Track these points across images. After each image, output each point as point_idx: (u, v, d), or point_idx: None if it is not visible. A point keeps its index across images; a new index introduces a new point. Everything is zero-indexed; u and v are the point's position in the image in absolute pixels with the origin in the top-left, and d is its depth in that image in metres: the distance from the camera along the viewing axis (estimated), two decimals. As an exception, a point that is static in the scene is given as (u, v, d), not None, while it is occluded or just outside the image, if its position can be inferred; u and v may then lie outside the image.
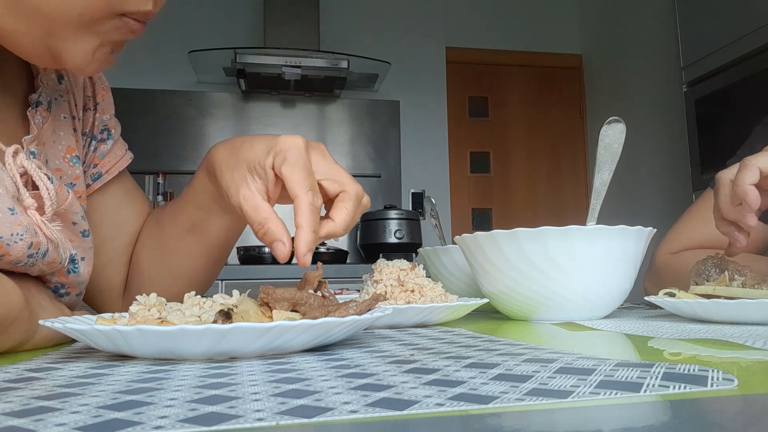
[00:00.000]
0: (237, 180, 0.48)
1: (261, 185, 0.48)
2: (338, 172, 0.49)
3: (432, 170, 3.01)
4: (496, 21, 3.24)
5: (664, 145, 2.60)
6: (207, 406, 0.22)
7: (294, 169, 0.46)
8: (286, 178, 0.46)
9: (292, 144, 0.47)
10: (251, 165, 0.48)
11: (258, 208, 0.47)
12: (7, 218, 0.45)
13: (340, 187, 0.48)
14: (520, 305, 0.61)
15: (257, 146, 0.49)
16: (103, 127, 0.65)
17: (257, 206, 0.47)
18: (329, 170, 0.49)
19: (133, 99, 2.68)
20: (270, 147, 0.48)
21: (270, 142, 0.48)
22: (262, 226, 0.46)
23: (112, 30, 0.46)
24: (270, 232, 0.45)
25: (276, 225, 0.46)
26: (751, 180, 0.56)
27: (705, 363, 0.30)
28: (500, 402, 0.21)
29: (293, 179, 0.46)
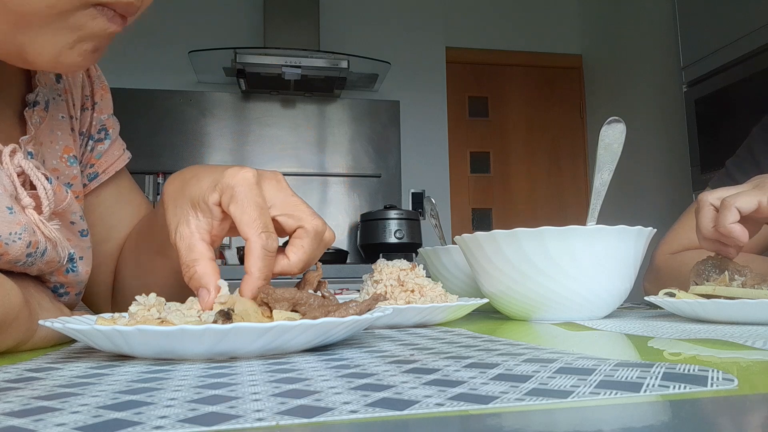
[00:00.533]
0: (178, 216, 0.45)
1: (204, 223, 0.44)
2: (295, 206, 0.45)
3: (432, 170, 3.01)
4: (496, 21, 3.24)
5: (664, 145, 2.60)
6: (207, 406, 0.22)
7: (244, 209, 0.42)
8: (235, 218, 0.42)
9: (240, 179, 0.43)
10: (195, 201, 0.44)
11: (191, 248, 0.43)
12: (6, 217, 0.45)
13: (296, 222, 0.44)
14: (520, 305, 0.61)
15: (203, 181, 0.45)
16: (100, 127, 0.65)
17: (190, 245, 0.43)
18: (285, 204, 0.45)
19: (133, 99, 2.68)
20: (216, 182, 0.43)
21: (216, 177, 0.44)
22: (189, 268, 0.42)
23: (89, 21, 0.42)
24: (196, 276, 0.42)
25: (204, 268, 0.42)
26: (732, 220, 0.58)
27: (705, 363, 0.30)
28: (500, 402, 0.21)
29: (243, 221, 0.42)
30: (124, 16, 0.44)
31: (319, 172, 2.89)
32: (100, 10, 0.43)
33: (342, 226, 2.87)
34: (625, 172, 2.60)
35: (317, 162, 2.90)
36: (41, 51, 0.43)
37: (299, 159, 2.87)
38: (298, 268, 0.44)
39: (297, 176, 2.85)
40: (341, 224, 2.87)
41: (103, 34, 0.44)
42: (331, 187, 2.90)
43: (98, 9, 0.42)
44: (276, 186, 0.45)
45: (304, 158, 2.88)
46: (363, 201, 2.90)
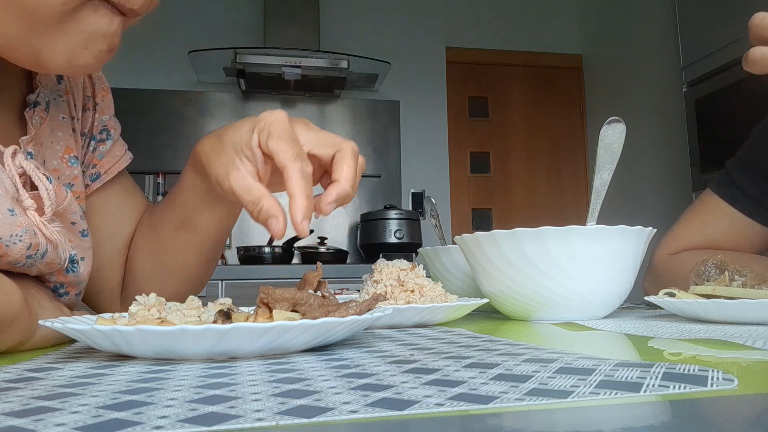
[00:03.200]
0: (225, 164, 0.48)
1: (250, 166, 0.47)
2: (327, 137, 0.49)
3: (432, 170, 3.01)
4: (496, 21, 3.24)
5: (664, 145, 2.60)
6: (207, 406, 0.22)
7: (279, 142, 0.45)
8: (272, 151, 0.45)
9: (275, 118, 0.47)
10: (237, 147, 0.48)
11: (250, 188, 0.46)
12: (7, 219, 0.45)
13: (333, 148, 0.48)
14: (520, 305, 0.61)
15: (241, 128, 0.48)
16: (102, 128, 0.65)
17: (249, 186, 0.46)
18: (318, 138, 0.48)
19: (133, 99, 2.69)
20: (253, 125, 0.47)
21: (252, 121, 0.48)
22: (256, 204, 0.45)
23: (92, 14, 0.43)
24: (264, 209, 0.45)
25: (270, 202, 0.45)
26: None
27: (705, 363, 0.30)
28: (500, 402, 0.21)
29: (279, 150, 0.45)
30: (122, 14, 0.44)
31: (319, 172, 2.88)
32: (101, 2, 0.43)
33: (342, 226, 2.87)
34: (625, 172, 2.61)
35: (317, 162, 2.89)
36: (55, 54, 0.43)
37: (299, 159, 2.87)
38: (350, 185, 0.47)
39: (297, 176, 2.84)
40: (341, 224, 2.87)
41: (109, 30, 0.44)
42: (331, 187, 2.90)
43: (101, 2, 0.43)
44: (306, 126, 0.49)
45: (304, 158, 2.88)
46: (363, 201, 2.90)
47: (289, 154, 0.45)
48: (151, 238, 0.64)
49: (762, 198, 0.84)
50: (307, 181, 0.45)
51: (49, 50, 0.43)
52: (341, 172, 0.47)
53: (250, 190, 0.46)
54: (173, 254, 0.63)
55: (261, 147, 0.47)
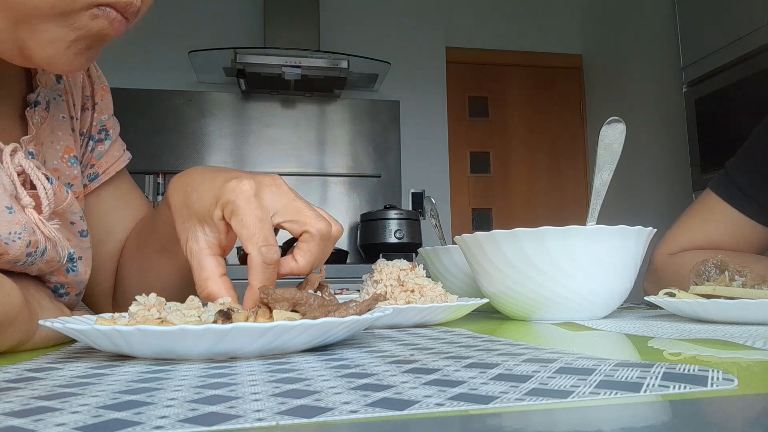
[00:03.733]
0: (187, 230, 0.47)
1: (212, 238, 0.46)
2: (298, 211, 0.45)
3: (432, 170, 3.01)
4: (496, 21, 3.24)
5: (664, 145, 2.60)
6: (207, 406, 0.22)
7: (244, 223, 0.43)
8: (238, 234, 0.44)
9: (239, 193, 0.44)
10: (200, 217, 0.46)
11: (201, 266, 0.45)
12: (5, 217, 0.45)
13: (301, 227, 0.45)
14: (520, 305, 0.61)
15: (205, 197, 0.46)
16: (101, 127, 0.65)
17: (201, 263, 0.45)
18: (287, 209, 0.45)
19: (133, 99, 2.68)
20: (217, 198, 0.45)
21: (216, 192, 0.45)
22: (202, 287, 0.45)
23: (90, 21, 0.43)
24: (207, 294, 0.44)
25: (214, 288, 0.44)
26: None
27: (705, 363, 0.30)
28: (500, 402, 0.21)
29: (243, 235, 0.43)
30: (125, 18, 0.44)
31: (319, 172, 2.89)
32: (101, 11, 0.43)
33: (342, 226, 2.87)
34: (625, 172, 2.60)
35: (317, 162, 2.90)
36: (39, 48, 0.43)
37: (299, 159, 2.87)
38: (306, 271, 0.45)
39: (297, 176, 2.85)
40: (341, 224, 2.87)
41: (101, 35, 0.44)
42: (331, 187, 2.90)
43: (100, 9, 0.43)
44: (276, 192, 0.45)
45: (304, 158, 2.88)
46: (363, 201, 2.90)
47: (254, 242, 0.42)
48: (137, 257, 0.64)
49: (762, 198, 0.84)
50: (270, 271, 0.43)
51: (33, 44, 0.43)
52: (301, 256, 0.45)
53: (201, 268, 0.45)
54: (155, 277, 0.62)
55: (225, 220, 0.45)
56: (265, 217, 0.44)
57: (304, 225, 0.45)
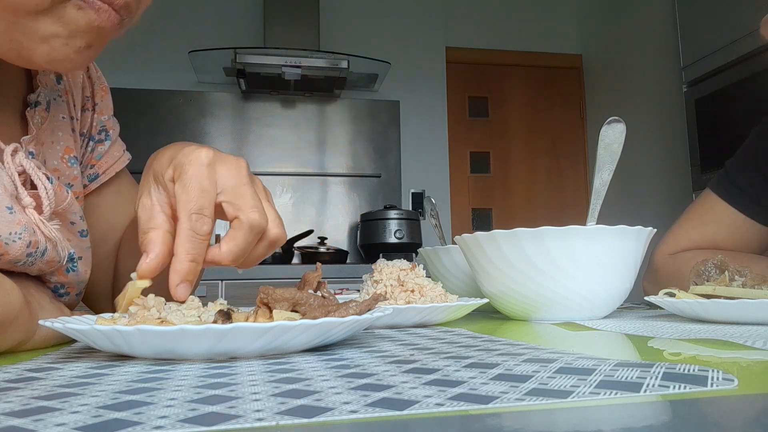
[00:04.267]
0: (143, 189, 0.45)
1: (165, 197, 0.44)
2: (241, 195, 0.43)
3: (432, 170, 3.01)
4: (496, 21, 3.24)
5: (664, 145, 2.60)
6: (207, 406, 0.22)
7: (184, 188, 0.42)
8: (176, 197, 0.42)
9: (193, 159, 0.42)
10: (156, 175, 0.45)
11: (150, 218, 0.44)
12: (6, 217, 0.45)
13: (235, 211, 0.43)
14: (520, 305, 0.61)
15: (163, 157, 0.45)
16: (101, 128, 0.65)
17: (151, 216, 0.44)
18: (233, 190, 0.43)
19: (133, 99, 2.68)
20: (172, 158, 0.44)
21: (174, 153, 0.44)
22: (144, 233, 0.43)
23: (75, 12, 0.42)
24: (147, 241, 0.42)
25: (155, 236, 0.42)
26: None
27: (705, 363, 0.30)
28: (500, 402, 0.21)
29: (180, 200, 0.42)
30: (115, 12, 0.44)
31: (319, 172, 2.88)
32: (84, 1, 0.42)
33: (342, 226, 2.87)
34: (625, 172, 2.60)
35: (317, 162, 2.89)
36: (36, 47, 0.43)
37: (299, 159, 2.87)
38: (227, 260, 0.43)
39: (297, 176, 2.85)
40: (341, 224, 2.87)
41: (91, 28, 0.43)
42: (331, 187, 2.90)
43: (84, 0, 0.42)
44: (232, 171, 0.44)
45: (304, 158, 2.88)
46: (363, 201, 2.90)
47: (187, 208, 0.41)
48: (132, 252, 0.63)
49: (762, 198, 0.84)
50: (197, 242, 0.41)
51: (30, 44, 0.43)
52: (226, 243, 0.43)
53: (150, 219, 0.44)
54: None
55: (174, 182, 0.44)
56: (209, 188, 0.42)
57: (238, 210, 0.43)
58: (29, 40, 0.42)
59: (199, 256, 0.41)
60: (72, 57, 0.44)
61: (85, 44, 0.44)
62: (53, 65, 0.45)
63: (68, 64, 0.45)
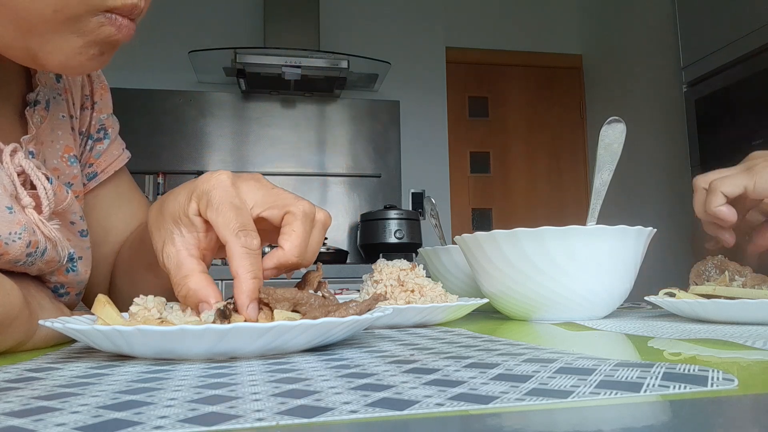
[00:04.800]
0: (163, 237, 0.43)
1: (190, 238, 0.42)
2: (276, 196, 0.43)
3: (432, 170, 3.01)
4: (496, 21, 3.24)
5: (664, 145, 2.60)
6: (207, 406, 0.22)
7: (219, 211, 0.40)
8: (213, 223, 0.40)
9: (214, 183, 0.41)
10: (175, 217, 0.42)
11: (179, 266, 0.41)
12: (6, 217, 0.45)
13: (281, 210, 0.42)
14: (520, 305, 0.61)
15: (180, 195, 0.43)
16: (100, 126, 0.65)
17: (178, 263, 0.41)
18: (266, 198, 0.43)
19: (133, 99, 2.69)
20: (191, 192, 0.42)
21: (191, 187, 0.42)
22: (181, 286, 0.40)
23: (97, 28, 0.43)
24: (191, 293, 0.39)
25: (197, 283, 0.40)
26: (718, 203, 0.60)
27: (705, 363, 0.30)
28: (500, 402, 0.21)
29: (219, 223, 0.40)
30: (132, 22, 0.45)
31: (319, 172, 2.89)
32: (108, 17, 0.43)
33: (342, 226, 2.87)
34: (625, 172, 2.60)
35: (317, 162, 2.90)
36: (50, 55, 0.43)
37: (299, 159, 2.87)
38: (295, 256, 0.41)
39: (297, 176, 2.85)
40: (341, 224, 2.87)
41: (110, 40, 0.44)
42: (331, 187, 2.90)
43: (106, 16, 0.43)
44: (255, 185, 0.43)
45: (304, 158, 2.88)
46: (363, 201, 2.90)
47: (231, 228, 0.39)
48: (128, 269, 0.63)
49: None
50: (253, 257, 0.39)
51: (44, 52, 0.43)
52: (286, 239, 0.41)
53: (179, 267, 0.41)
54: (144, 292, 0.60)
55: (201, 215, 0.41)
56: (242, 205, 0.41)
57: (284, 207, 0.42)
58: (45, 48, 0.43)
59: (258, 270, 0.39)
60: (85, 63, 0.45)
61: (99, 52, 0.45)
62: (65, 70, 0.45)
63: (80, 69, 0.45)
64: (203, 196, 0.41)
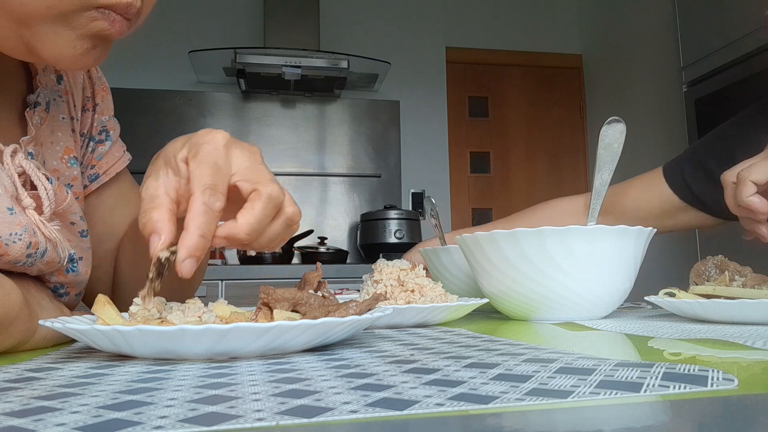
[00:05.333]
0: (149, 172, 0.44)
1: (173, 181, 0.43)
2: (257, 172, 0.43)
3: (432, 170, 3.01)
4: (496, 21, 3.24)
5: (664, 145, 2.60)
6: (207, 406, 0.22)
7: (199, 164, 0.41)
8: (190, 173, 0.41)
9: (209, 139, 0.43)
10: (167, 159, 0.44)
11: (153, 198, 0.42)
12: (6, 218, 0.45)
13: (252, 185, 0.42)
14: (520, 305, 0.61)
15: (177, 142, 0.45)
16: (101, 128, 0.65)
17: (154, 195, 0.42)
18: (248, 170, 0.43)
19: (133, 99, 2.68)
20: (187, 140, 0.44)
21: (188, 137, 0.44)
22: (145, 214, 0.41)
23: (89, 22, 0.43)
24: (150, 223, 0.40)
25: (160, 215, 0.40)
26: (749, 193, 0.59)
27: (705, 363, 0.30)
28: (500, 402, 0.21)
29: (195, 174, 0.41)
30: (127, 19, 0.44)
31: (319, 172, 2.89)
32: (101, 13, 0.43)
33: (342, 226, 2.87)
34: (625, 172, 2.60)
35: (317, 162, 2.90)
36: (44, 48, 0.43)
37: (299, 159, 2.87)
38: (245, 232, 0.41)
39: (297, 176, 2.85)
40: (341, 224, 2.87)
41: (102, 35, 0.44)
42: (331, 187, 2.90)
43: (99, 12, 0.43)
44: (246, 154, 0.44)
45: (304, 158, 2.88)
46: (363, 201, 2.90)
47: (201, 183, 0.40)
48: (131, 251, 0.64)
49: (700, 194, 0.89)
50: (209, 217, 0.40)
51: (37, 43, 0.43)
52: (242, 214, 0.42)
53: (152, 198, 0.42)
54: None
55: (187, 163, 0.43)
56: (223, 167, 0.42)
57: (255, 184, 0.43)
58: (37, 40, 0.43)
59: (209, 232, 0.40)
60: (78, 58, 0.45)
61: (91, 45, 0.45)
62: (58, 64, 0.45)
63: (74, 64, 0.45)
64: (194, 147, 0.42)
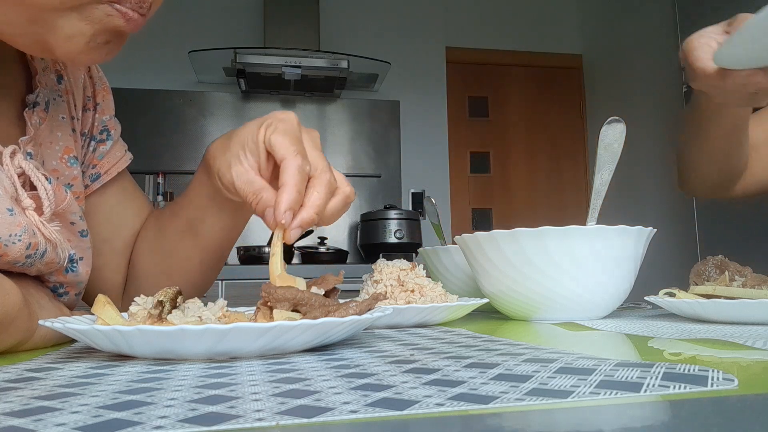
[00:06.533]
0: (229, 159, 0.48)
1: (253, 161, 0.48)
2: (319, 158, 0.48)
3: (432, 170, 3.01)
4: (496, 21, 3.24)
5: (664, 145, 2.60)
6: (207, 406, 0.22)
7: (283, 137, 0.46)
8: (274, 146, 0.46)
9: (285, 117, 0.48)
10: (243, 142, 0.48)
11: (252, 182, 0.47)
12: (6, 219, 0.45)
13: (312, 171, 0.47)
14: (520, 305, 0.61)
15: (251, 125, 0.49)
16: (102, 128, 0.65)
17: (250, 180, 0.47)
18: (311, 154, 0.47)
19: (133, 99, 2.69)
20: (262, 122, 0.48)
21: (262, 118, 0.49)
22: (256, 196, 0.46)
23: (104, 17, 0.43)
24: (263, 200, 0.45)
25: (270, 194, 0.45)
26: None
27: (705, 363, 0.30)
28: (500, 402, 0.21)
29: (281, 144, 0.45)
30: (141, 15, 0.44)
31: (319, 172, 2.88)
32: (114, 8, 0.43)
33: (342, 226, 2.87)
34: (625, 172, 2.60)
35: (317, 162, 2.89)
36: (59, 44, 0.43)
37: (299, 159, 2.87)
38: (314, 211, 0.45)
39: (297, 176, 2.84)
40: (341, 224, 2.87)
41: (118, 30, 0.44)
42: (331, 187, 2.90)
43: (113, 7, 0.43)
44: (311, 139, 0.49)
45: (304, 158, 2.88)
46: (363, 201, 2.90)
47: (291, 150, 0.45)
48: (157, 240, 0.65)
49: None
50: (303, 177, 0.44)
51: (52, 40, 0.43)
52: (309, 197, 0.45)
53: (251, 183, 0.47)
54: (177, 258, 0.63)
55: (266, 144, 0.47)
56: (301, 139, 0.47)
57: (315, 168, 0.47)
58: (51, 34, 0.43)
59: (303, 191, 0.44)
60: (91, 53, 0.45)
61: (105, 41, 0.45)
62: (72, 61, 0.45)
63: (87, 60, 0.45)
64: (273, 124, 0.47)
